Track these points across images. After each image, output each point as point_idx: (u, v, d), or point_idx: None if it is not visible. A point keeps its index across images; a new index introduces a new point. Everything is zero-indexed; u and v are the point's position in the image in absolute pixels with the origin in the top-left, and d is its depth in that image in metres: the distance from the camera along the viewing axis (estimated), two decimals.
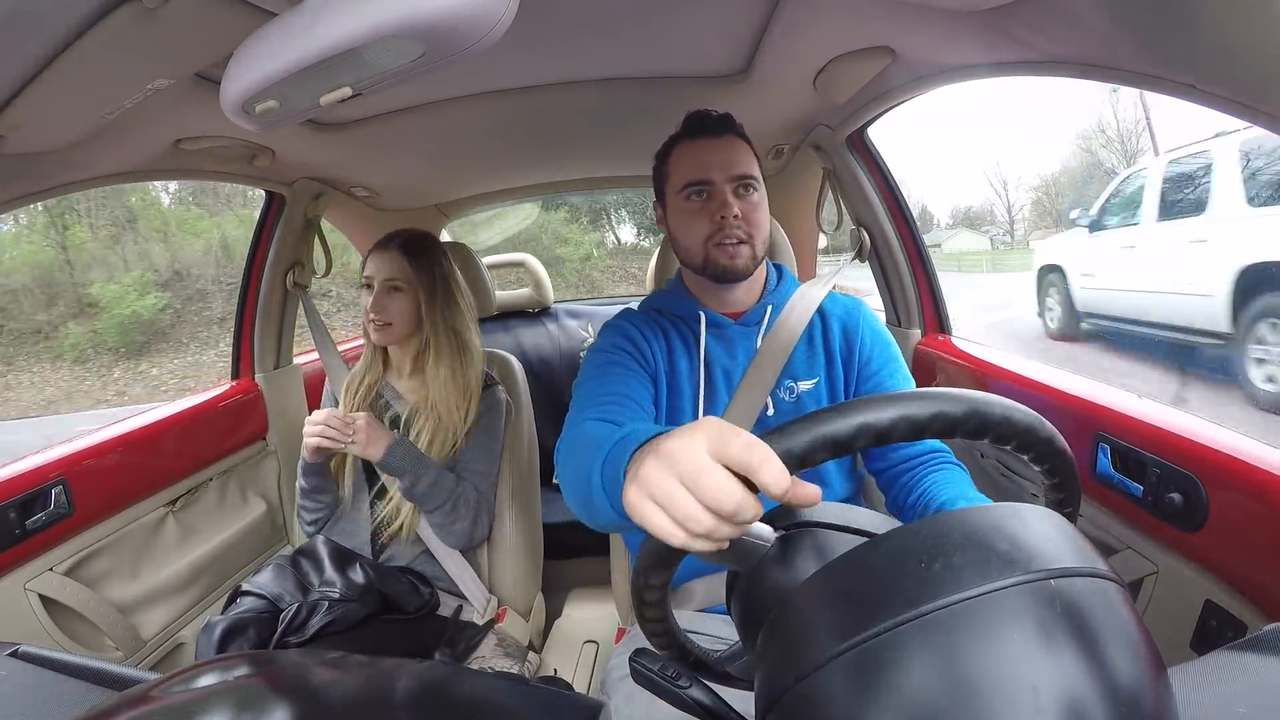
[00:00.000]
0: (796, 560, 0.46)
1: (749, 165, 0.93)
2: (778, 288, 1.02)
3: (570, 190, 2.11)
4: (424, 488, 1.15)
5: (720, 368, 0.96)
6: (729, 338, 0.98)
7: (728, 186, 0.92)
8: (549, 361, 2.09)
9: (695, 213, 0.93)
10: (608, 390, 0.86)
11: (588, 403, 0.84)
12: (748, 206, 0.92)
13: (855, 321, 0.99)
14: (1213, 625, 0.75)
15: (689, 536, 0.39)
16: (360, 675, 0.53)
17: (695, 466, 0.39)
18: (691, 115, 0.97)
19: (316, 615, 1.03)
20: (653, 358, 0.95)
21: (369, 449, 1.12)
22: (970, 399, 0.40)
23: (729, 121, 0.95)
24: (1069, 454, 0.44)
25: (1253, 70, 0.56)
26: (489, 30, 0.52)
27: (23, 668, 0.60)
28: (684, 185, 0.94)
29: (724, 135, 0.94)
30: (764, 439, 0.39)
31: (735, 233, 0.91)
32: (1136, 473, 0.85)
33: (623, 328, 0.98)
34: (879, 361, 0.97)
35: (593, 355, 0.96)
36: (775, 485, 0.37)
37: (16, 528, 1.04)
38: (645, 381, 0.91)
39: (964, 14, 0.77)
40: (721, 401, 0.95)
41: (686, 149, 0.95)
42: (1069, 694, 0.28)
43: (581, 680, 1.34)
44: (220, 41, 0.66)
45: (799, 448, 0.39)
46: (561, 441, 0.78)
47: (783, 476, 0.37)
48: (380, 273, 1.23)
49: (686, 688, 0.47)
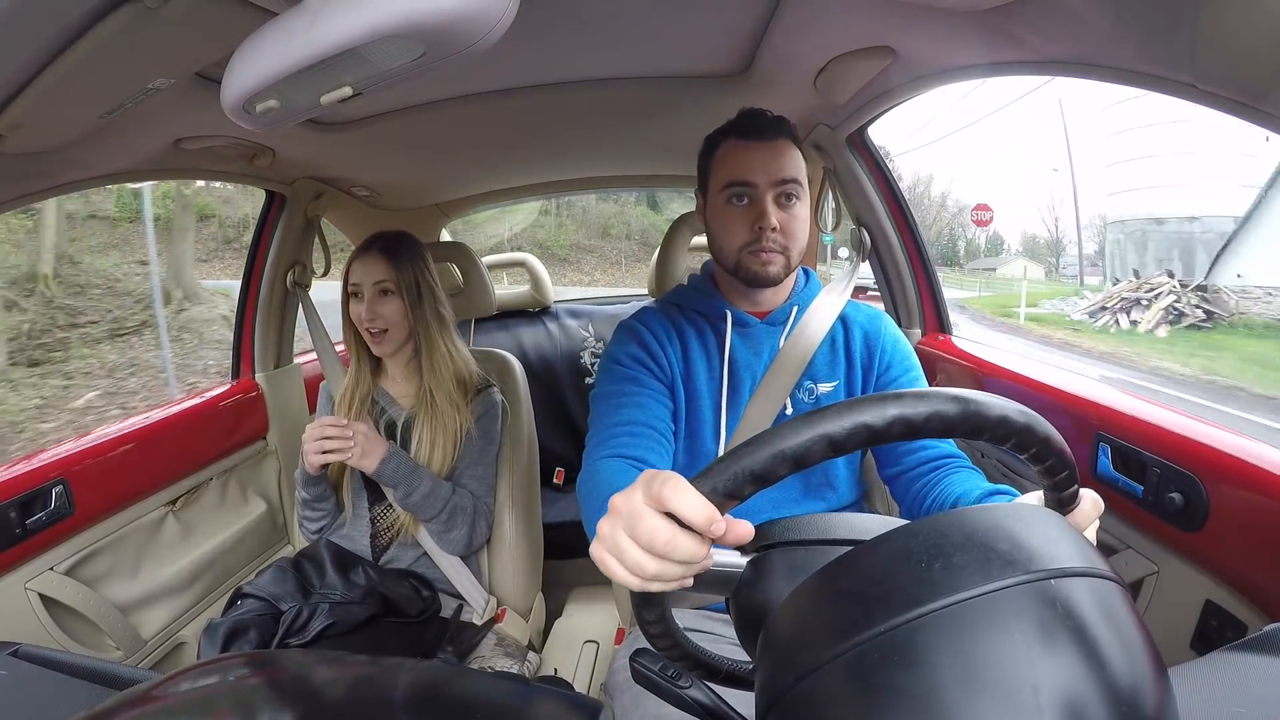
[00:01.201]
0: (769, 581, 0.46)
1: (795, 169, 0.91)
2: (805, 289, 1.02)
3: (570, 190, 2.11)
4: (418, 498, 1.15)
5: (744, 367, 0.96)
6: (755, 336, 0.98)
7: (770, 194, 0.90)
8: (549, 361, 2.09)
9: (735, 217, 0.92)
10: (623, 419, 0.87)
11: (604, 433, 0.86)
12: (787, 218, 0.91)
13: (877, 329, 1.00)
14: (1213, 625, 0.75)
15: (642, 581, 0.42)
16: (360, 675, 0.53)
17: (631, 513, 0.42)
18: (743, 113, 0.95)
19: (317, 617, 1.03)
20: (668, 366, 0.95)
21: (364, 460, 1.12)
22: (934, 396, 0.38)
23: (782, 125, 0.93)
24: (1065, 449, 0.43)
25: (1253, 70, 0.56)
26: (489, 30, 0.52)
27: (23, 667, 0.60)
28: (726, 185, 0.92)
29: (775, 140, 0.91)
30: (709, 468, 0.40)
31: (772, 245, 0.90)
32: (1137, 473, 0.85)
33: (638, 332, 0.97)
34: (899, 369, 0.97)
35: (608, 364, 0.96)
36: (694, 518, 0.39)
37: (17, 527, 1.04)
38: (662, 396, 0.92)
39: (964, 14, 0.77)
40: (743, 401, 0.95)
41: (735, 149, 0.93)
42: (1069, 694, 0.28)
43: (581, 680, 1.34)
44: (220, 41, 0.66)
45: (722, 484, 0.39)
46: (580, 475, 0.83)
47: (698, 509, 0.39)
48: (368, 277, 1.19)
49: (686, 688, 0.48)
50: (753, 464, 0.38)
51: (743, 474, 0.38)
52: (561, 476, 2.07)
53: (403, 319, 1.21)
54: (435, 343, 1.23)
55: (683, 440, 0.96)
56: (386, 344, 1.21)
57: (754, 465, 0.38)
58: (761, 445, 0.38)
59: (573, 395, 2.07)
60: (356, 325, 1.22)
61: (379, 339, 1.21)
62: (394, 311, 1.20)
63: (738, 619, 0.49)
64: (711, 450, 0.95)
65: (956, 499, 0.78)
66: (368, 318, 1.19)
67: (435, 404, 1.22)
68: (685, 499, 0.39)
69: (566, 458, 2.07)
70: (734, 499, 0.39)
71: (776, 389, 0.94)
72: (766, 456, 0.37)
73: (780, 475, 0.38)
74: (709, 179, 0.97)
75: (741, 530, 0.42)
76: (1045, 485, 0.45)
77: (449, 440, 1.22)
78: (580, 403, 2.06)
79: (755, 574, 0.47)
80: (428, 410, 1.22)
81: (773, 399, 0.94)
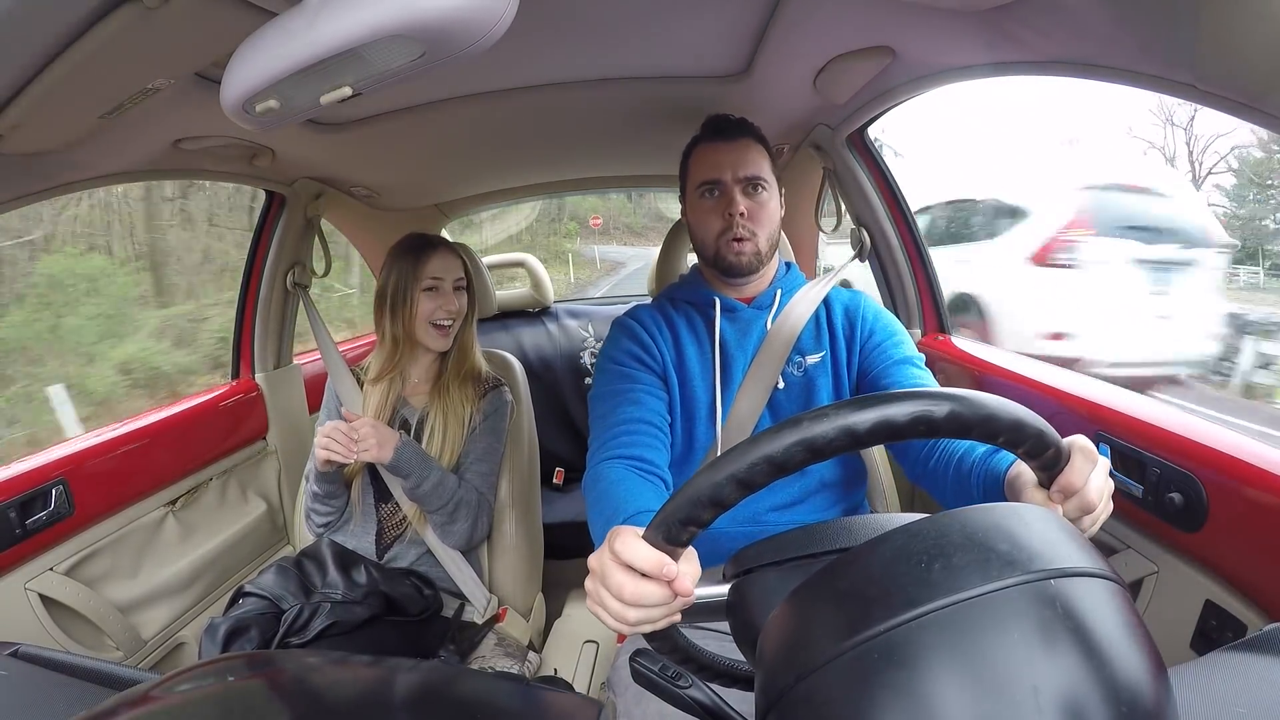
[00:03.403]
0: (753, 602, 0.48)
1: (758, 167, 0.99)
2: (787, 276, 1.08)
3: (570, 190, 2.11)
4: (428, 488, 1.16)
5: (735, 349, 1.00)
6: (742, 320, 1.02)
7: (736, 186, 0.98)
8: (549, 361, 2.09)
9: (709, 209, 1.00)
10: (622, 417, 0.91)
11: (605, 434, 0.90)
12: (754, 205, 0.98)
13: (857, 304, 1.05)
14: (1213, 625, 0.75)
15: (630, 627, 0.46)
16: (360, 675, 0.53)
17: (602, 570, 0.47)
18: (710, 118, 1.03)
19: (319, 617, 1.03)
20: (660, 356, 1.00)
21: (381, 452, 1.12)
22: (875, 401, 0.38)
23: (744, 125, 1.02)
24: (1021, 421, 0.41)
25: (1253, 70, 0.56)
26: (489, 30, 0.52)
27: (23, 668, 0.60)
28: (699, 184, 1.01)
29: (738, 139, 1.00)
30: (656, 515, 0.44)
31: (741, 230, 0.97)
32: (1136, 472, 0.85)
33: (629, 327, 1.03)
34: (882, 334, 1.00)
35: (604, 362, 1.01)
36: (645, 569, 0.44)
37: (17, 527, 1.04)
38: (657, 387, 0.97)
39: (964, 14, 0.77)
40: (736, 380, 0.99)
41: (704, 150, 1.02)
42: (1069, 694, 0.28)
43: (581, 680, 1.34)
44: (220, 41, 0.66)
45: (663, 532, 0.43)
46: (585, 478, 0.88)
47: (646, 559, 0.44)
48: (450, 273, 1.25)
49: (686, 688, 0.48)
50: (677, 512, 0.41)
51: (674, 520, 0.42)
52: (561, 477, 2.07)
53: (464, 314, 1.29)
54: (466, 336, 1.30)
55: (680, 426, 0.99)
56: (449, 338, 1.27)
57: (679, 514, 0.41)
58: (696, 486, 0.40)
59: (573, 395, 2.07)
60: (422, 320, 1.23)
61: (447, 332, 1.25)
62: (464, 306, 1.28)
63: (734, 631, 0.50)
64: (706, 436, 0.98)
65: (961, 456, 0.77)
66: (449, 310, 1.24)
67: (449, 396, 1.25)
68: (633, 552, 0.44)
69: (566, 458, 2.08)
70: (680, 544, 0.43)
71: (768, 368, 0.98)
72: (696, 498, 0.40)
73: (710, 519, 0.41)
74: (687, 182, 1.06)
75: (681, 585, 0.45)
76: (1032, 465, 0.46)
77: (458, 432, 1.24)
78: (580, 403, 2.06)
79: (739, 597, 0.49)
80: (440, 403, 1.24)
81: (765, 378, 0.98)
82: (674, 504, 0.42)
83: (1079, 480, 0.48)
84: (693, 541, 0.44)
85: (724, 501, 0.39)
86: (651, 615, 0.46)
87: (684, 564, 0.45)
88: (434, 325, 1.24)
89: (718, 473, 0.39)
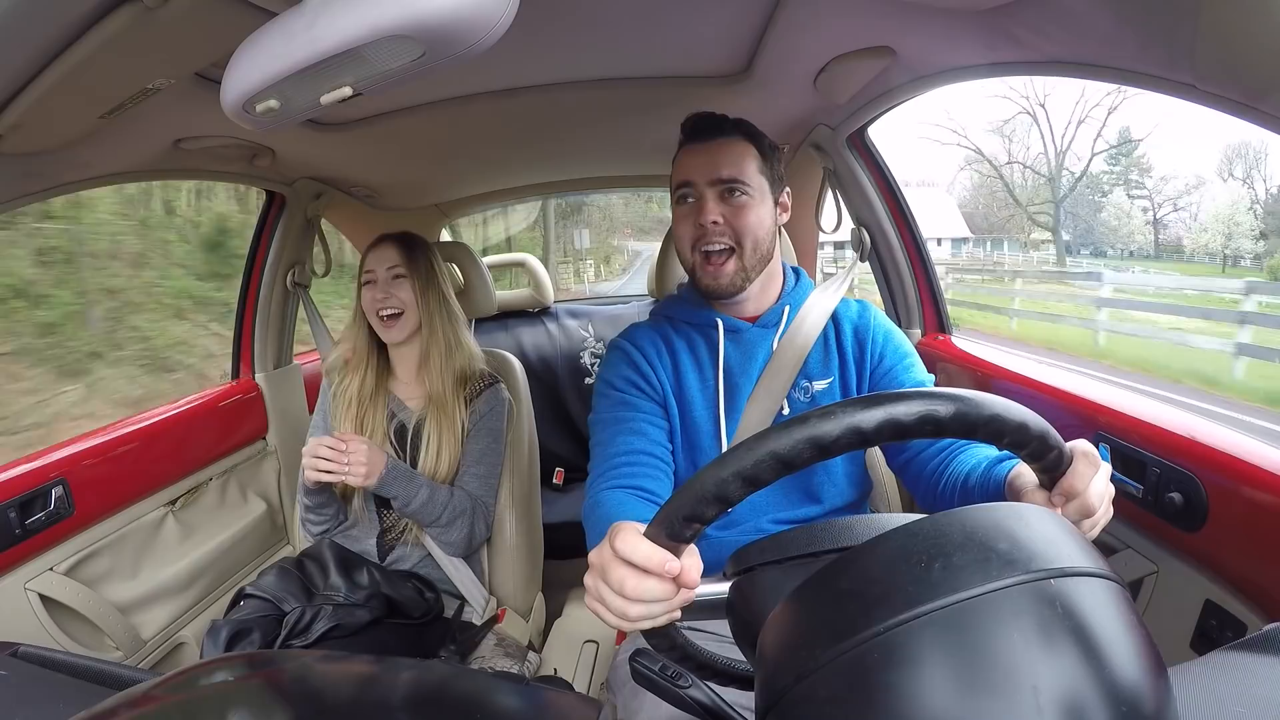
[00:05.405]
0: (753, 601, 0.48)
1: (737, 168, 0.90)
2: (795, 289, 1.01)
3: (570, 190, 2.11)
4: (416, 506, 1.15)
5: (739, 373, 0.95)
6: (747, 342, 0.97)
7: (709, 191, 0.90)
8: (549, 362, 2.09)
9: (683, 216, 0.93)
10: (623, 448, 0.88)
11: (605, 464, 0.88)
12: (730, 210, 0.89)
13: (866, 322, 0.99)
14: (1213, 625, 0.75)
15: (631, 623, 0.46)
16: (360, 675, 0.53)
17: (602, 566, 0.46)
18: (686, 119, 0.96)
19: (320, 619, 1.03)
20: (659, 384, 0.95)
21: (367, 480, 1.09)
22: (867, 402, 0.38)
23: (720, 123, 0.93)
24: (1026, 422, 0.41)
25: (1253, 70, 0.56)
26: (489, 30, 0.52)
27: (23, 668, 0.60)
28: (674, 189, 0.95)
29: (713, 139, 0.91)
30: (658, 513, 0.43)
31: (717, 240, 0.89)
32: (1136, 472, 0.85)
33: (627, 352, 0.97)
34: (893, 358, 0.95)
35: (603, 387, 0.96)
36: (647, 565, 0.43)
37: (16, 527, 1.04)
38: (657, 415, 0.93)
39: (964, 14, 0.77)
40: (740, 405, 0.94)
41: (682, 153, 0.95)
42: (1069, 694, 0.28)
43: (581, 680, 1.34)
44: (220, 41, 0.66)
45: (666, 528, 0.43)
46: (585, 504, 0.85)
47: (648, 556, 0.43)
48: (382, 263, 1.24)
49: (686, 688, 0.48)
50: (681, 508, 0.41)
51: (678, 516, 0.41)
52: (561, 477, 2.07)
53: (414, 304, 1.24)
54: (440, 331, 1.26)
55: (681, 454, 0.95)
56: (398, 329, 1.23)
57: (683, 510, 0.41)
58: (701, 482, 0.40)
59: (573, 395, 2.07)
60: (368, 314, 1.24)
61: (391, 324, 1.23)
62: (407, 295, 1.23)
63: (734, 630, 0.49)
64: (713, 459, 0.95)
65: (966, 475, 0.76)
66: (381, 298, 1.22)
67: (444, 400, 1.23)
68: (635, 549, 0.44)
69: (566, 458, 2.07)
70: (682, 540, 0.42)
71: (773, 390, 0.93)
72: (700, 494, 0.40)
73: (714, 516, 0.40)
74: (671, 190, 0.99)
75: (695, 566, 0.45)
76: (1034, 467, 0.46)
77: (455, 439, 1.23)
78: (580, 403, 2.05)
79: (739, 596, 0.49)
80: (436, 411, 1.23)
81: (769, 401, 0.93)
82: (678, 499, 0.41)
83: (1081, 484, 0.48)
84: (693, 542, 0.44)
85: (729, 498, 0.39)
86: (652, 611, 0.45)
87: (687, 558, 0.45)
88: (380, 317, 1.23)
89: (723, 468, 0.39)
